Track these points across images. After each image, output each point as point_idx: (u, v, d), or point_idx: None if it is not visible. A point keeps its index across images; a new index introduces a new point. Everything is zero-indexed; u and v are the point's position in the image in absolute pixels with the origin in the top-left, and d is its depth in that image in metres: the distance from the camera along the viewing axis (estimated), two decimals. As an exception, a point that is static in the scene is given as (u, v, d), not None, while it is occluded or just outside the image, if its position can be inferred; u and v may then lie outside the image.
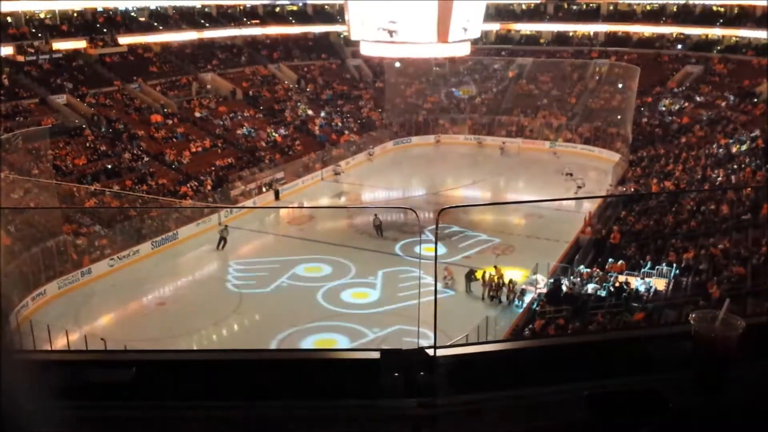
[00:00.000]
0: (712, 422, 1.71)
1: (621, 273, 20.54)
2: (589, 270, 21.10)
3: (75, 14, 42.23)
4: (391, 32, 23.07)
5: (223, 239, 26.35)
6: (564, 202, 33.17)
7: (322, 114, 43.89)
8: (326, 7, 54.22)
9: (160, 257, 25.73)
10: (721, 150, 32.20)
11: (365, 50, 27.08)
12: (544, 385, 1.80)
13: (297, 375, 1.86)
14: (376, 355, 1.85)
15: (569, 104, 45.84)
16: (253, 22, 51.35)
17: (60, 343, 16.93)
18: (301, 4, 54.26)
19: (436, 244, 21.90)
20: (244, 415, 1.76)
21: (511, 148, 42.27)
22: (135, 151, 32.79)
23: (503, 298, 21.52)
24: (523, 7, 55.31)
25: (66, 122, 33.22)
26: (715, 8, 49.05)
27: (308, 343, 18.77)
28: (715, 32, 47.91)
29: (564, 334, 15.23)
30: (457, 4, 23.19)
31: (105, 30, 42.38)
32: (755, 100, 38.83)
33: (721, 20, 48.50)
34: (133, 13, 45.86)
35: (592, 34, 53.13)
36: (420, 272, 23.60)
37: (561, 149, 41.57)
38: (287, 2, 53.71)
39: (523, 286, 21.85)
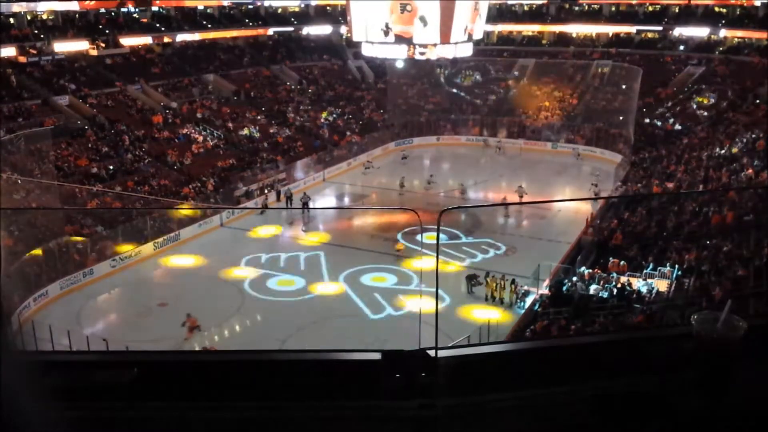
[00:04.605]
0: (715, 423, 1.71)
1: (623, 274, 20.51)
2: (591, 271, 21.07)
3: (77, 15, 42.29)
4: (396, 36, 23.09)
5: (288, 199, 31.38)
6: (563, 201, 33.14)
7: (324, 116, 43.92)
8: (328, 8, 54.33)
9: (162, 258, 25.75)
10: (723, 151, 32.17)
11: (367, 51, 27.13)
12: (545, 386, 1.80)
13: (298, 376, 1.86)
14: (378, 356, 1.85)
15: (571, 105, 45.83)
16: (255, 23, 51.41)
17: (62, 344, 16.95)
18: (302, 5, 54.35)
19: (437, 244, 21.91)
20: (245, 416, 1.76)
21: (511, 149, 42.26)
22: (137, 152, 32.84)
23: (506, 299, 21.52)
24: (525, 8, 55.32)
25: (68, 123, 33.28)
26: (717, 9, 49.06)
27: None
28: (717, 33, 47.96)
29: (566, 335, 15.21)
30: (459, 5, 23.22)
31: (107, 31, 42.46)
32: (757, 101, 38.78)
33: (723, 21, 48.49)
34: (135, 15, 45.92)
35: (594, 35, 53.13)
36: (421, 273, 23.59)
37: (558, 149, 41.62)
38: (290, 3, 53.80)
39: (525, 287, 21.83)
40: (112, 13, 44.44)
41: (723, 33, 47.78)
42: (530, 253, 24.67)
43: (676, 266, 20.23)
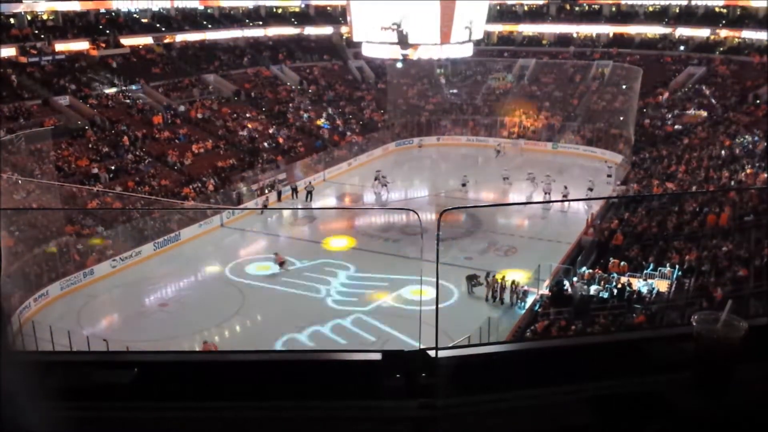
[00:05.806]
0: (715, 424, 1.71)
1: (623, 274, 20.51)
2: (591, 271, 21.07)
3: (77, 15, 42.30)
4: (398, 32, 23.01)
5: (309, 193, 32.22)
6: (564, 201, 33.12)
7: (324, 116, 43.92)
8: (328, 8, 54.33)
9: (162, 258, 25.74)
10: (723, 151, 32.17)
11: (367, 51, 27.13)
12: (546, 386, 1.80)
13: (298, 376, 1.86)
14: (378, 356, 1.85)
15: (571, 105, 45.82)
16: (256, 23, 51.43)
17: (62, 344, 16.96)
18: (303, 5, 54.35)
19: (438, 245, 21.91)
20: (245, 416, 1.76)
21: (512, 150, 42.15)
22: (137, 153, 32.84)
23: (506, 299, 21.51)
24: (526, 8, 55.32)
25: (68, 123, 33.28)
26: (717, 9, 49.06)
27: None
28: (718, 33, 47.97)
29: (566, 335, 15.21)
30: (460, 5, 23.22)
31: (107, 31, 42.47)
32: (757, 101, 38.77)
33: (724, 21, 48.49)
34: (135, 15, 45.94)
35: (594, 35, 53.12)
36: (421, 273, 23.58)
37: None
38: (290, 3, 53.80)
39: (526, 287, 21.83)
40: (113, 14, 44.45)
41: (723, 33, 47.78)
42: (530, 253, 24.67)
43: (677, 266, 20.24)
